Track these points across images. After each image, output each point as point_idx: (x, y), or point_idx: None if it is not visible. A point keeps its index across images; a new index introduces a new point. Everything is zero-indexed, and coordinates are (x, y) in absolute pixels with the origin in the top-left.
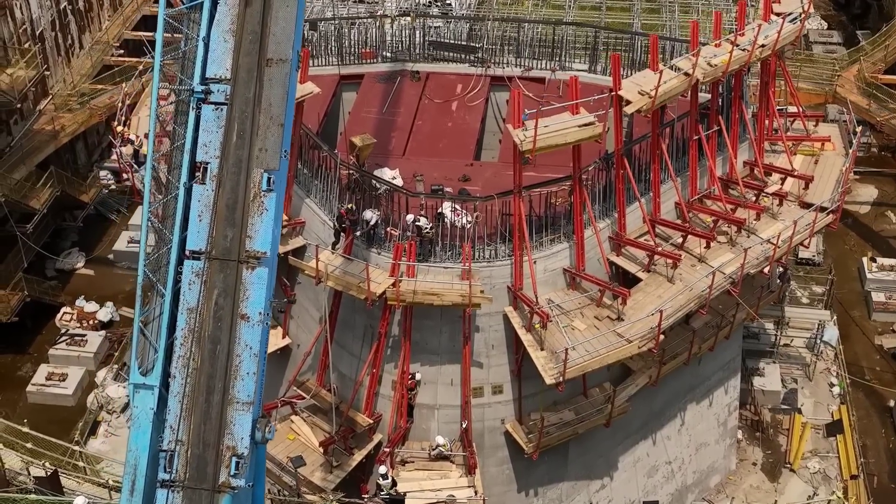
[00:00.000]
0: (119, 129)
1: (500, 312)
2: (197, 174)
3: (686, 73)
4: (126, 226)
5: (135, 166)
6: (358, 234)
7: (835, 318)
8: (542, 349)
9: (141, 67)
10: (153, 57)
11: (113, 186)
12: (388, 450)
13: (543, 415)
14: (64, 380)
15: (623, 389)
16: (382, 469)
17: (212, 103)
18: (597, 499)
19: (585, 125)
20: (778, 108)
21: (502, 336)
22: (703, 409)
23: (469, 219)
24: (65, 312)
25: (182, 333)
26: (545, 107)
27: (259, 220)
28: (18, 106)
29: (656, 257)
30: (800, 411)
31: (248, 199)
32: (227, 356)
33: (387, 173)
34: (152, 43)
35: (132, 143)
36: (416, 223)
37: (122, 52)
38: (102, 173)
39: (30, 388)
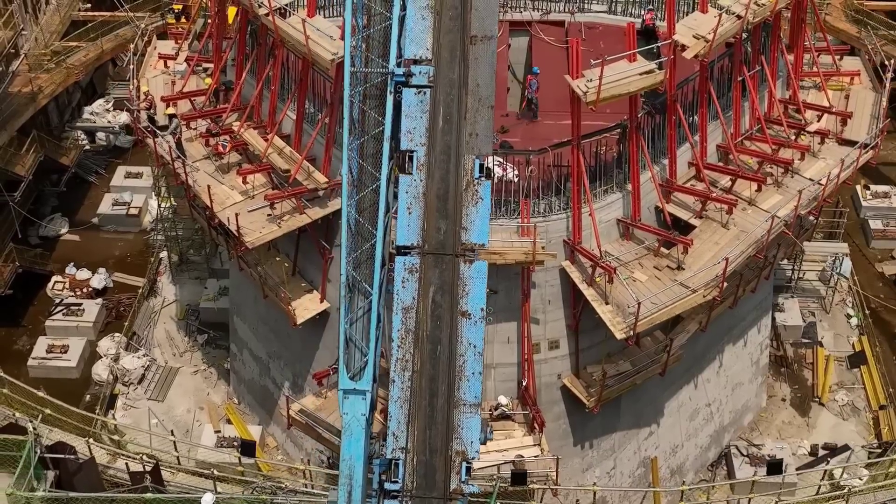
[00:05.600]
0: (144, 89)
1: (556, 267)
2: (394, 164)
3: (738, 16)
4: (108, 188)
5: (156, 131)
6: None
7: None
8: (606, 303)
9: (150, 25)
10: (126, 11)
11: (87, 147)
12: None
13: (605, 368)
14: (65, 351)
15: (676, 336)
16: None
17: (413, 86)
18: (645, 446)
19: (647, 73)
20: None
21: (558, 291)
22: (739, 350)
23: (516, 173)
24: (56, 281)
25: (398, 335)
26: (609, 57)
27: (474, 209)
28: None
29: (707, 203)
30: (821, 344)
31: (461, 189)
32: (448, 357)
33: None
34: None
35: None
36: None
37: (88, 6)
38: (77, 134)
39: (31, 361)
